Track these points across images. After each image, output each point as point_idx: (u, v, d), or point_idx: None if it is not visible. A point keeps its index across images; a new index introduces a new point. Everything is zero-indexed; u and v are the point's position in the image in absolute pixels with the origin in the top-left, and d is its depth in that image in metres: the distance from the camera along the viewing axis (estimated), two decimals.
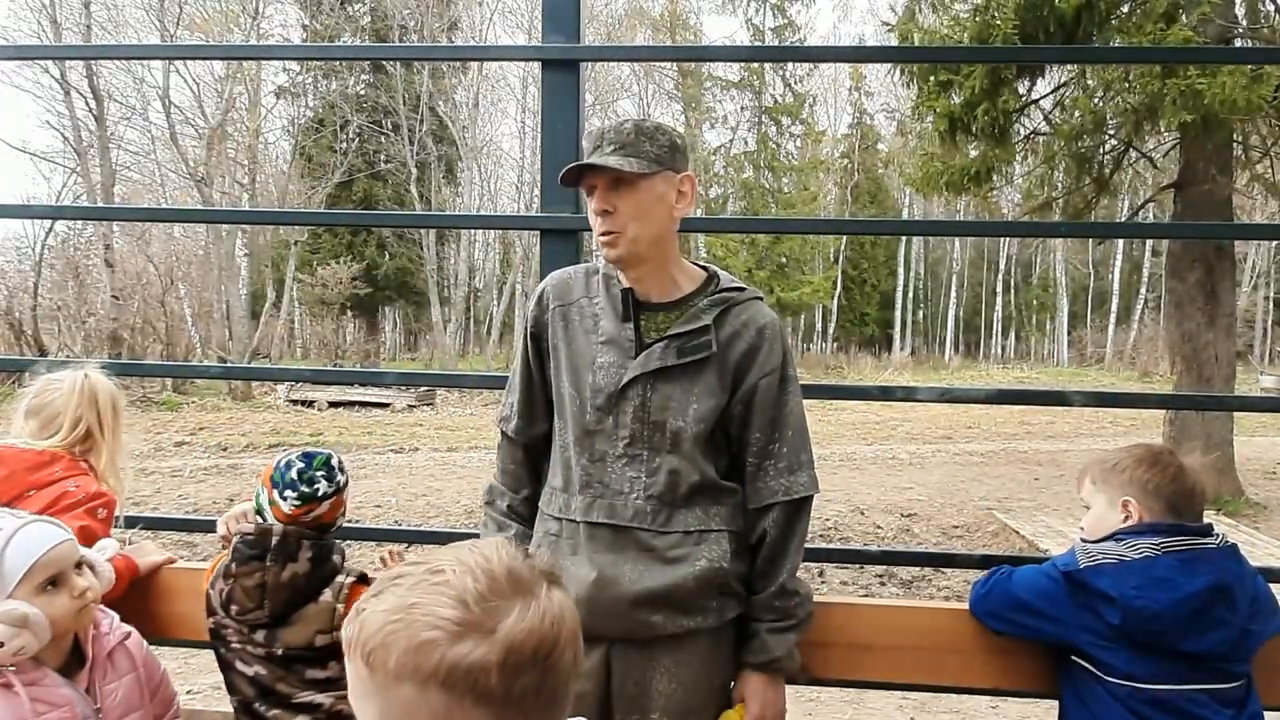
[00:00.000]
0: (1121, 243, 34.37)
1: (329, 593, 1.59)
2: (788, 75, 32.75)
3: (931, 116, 8.92)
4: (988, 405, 17.17)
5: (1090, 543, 1.52)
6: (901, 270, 39.56)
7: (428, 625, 0.68)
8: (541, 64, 2.15)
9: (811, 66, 33.16)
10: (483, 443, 12.92)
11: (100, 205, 18.41)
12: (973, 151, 9.28)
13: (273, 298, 25.68)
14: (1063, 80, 9.48)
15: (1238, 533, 7.73)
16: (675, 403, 1.49)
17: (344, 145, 28.03)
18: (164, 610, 1.84)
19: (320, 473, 1.61)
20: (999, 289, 39.78)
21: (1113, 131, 9.24)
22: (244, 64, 23.52)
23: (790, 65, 32.45)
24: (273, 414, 16.34)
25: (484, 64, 28.32)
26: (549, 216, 2.13)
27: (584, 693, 1.49)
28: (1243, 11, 8.49)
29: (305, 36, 28.16)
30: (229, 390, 18.42)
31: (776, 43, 31.31)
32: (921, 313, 41.53)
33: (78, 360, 2.00)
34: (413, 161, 27.48)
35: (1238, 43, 8.35)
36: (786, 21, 31.97)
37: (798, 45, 28.16)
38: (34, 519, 1.39)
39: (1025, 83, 9.06)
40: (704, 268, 1.61)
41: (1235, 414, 10.20)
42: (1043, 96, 9.69)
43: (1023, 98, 9.06)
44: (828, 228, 9.78)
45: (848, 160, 39.38)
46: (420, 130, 27.70)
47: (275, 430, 13.95)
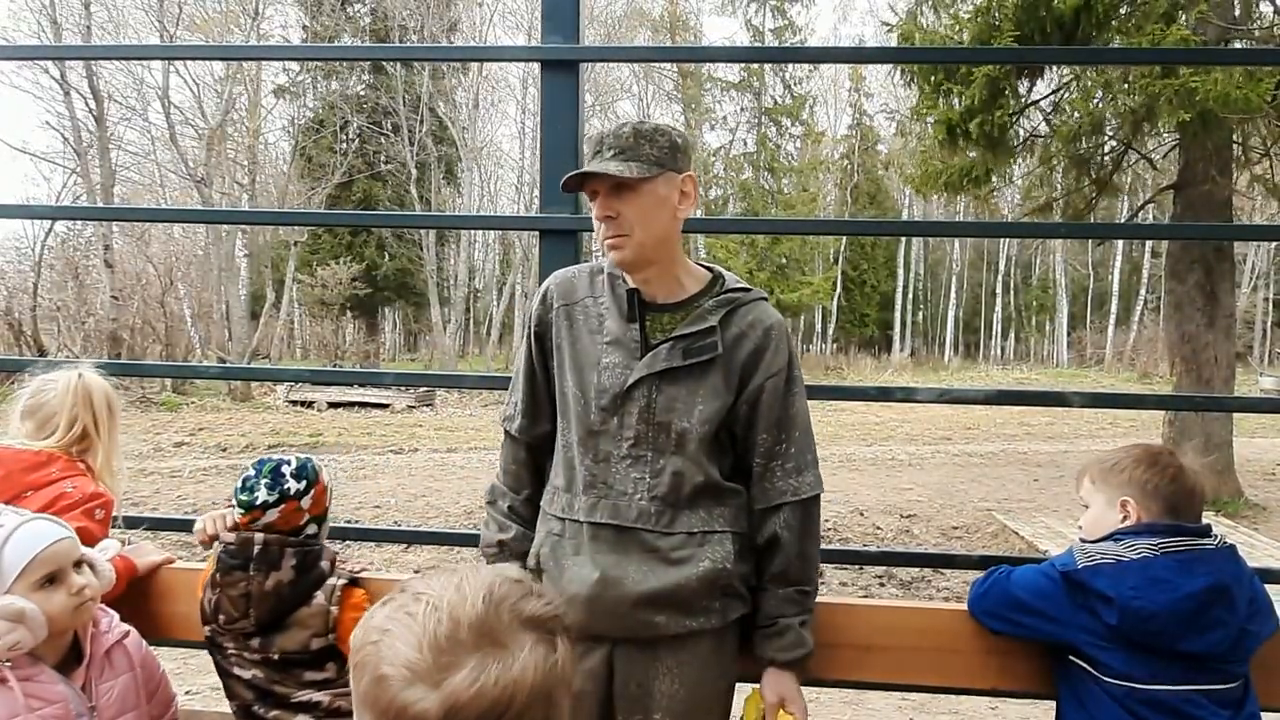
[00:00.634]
0: (1121, 244, 34.40)
1: (321, 595, 1.59)
2: (787, 76, 32.80)
3: (931, 119, 8.93)
4: (987, 406, 17.20)
5: (1088, 543, 1.52)
6: (901, 271, 39.58)
7: (388, 660, 0.68)
8: (541, 65, 2.15)
9: (811, 68, 33.20)
10: (482, 443, 12.92)
11: (100, 206, 18.41)
12: (972, 153, 9.29)
13: (272, 298, 25.69)
14: (1063, 81, 9.48)
15: (1237, 534, 7.73)
16: (681, 404, 1.49)
17: (344, 146, 28.05)
18: (162, 610, 1.84)
19: (263, 480, 1.58)
20: (998, 290, 39.80)
21: (1112, 132, 9.25)
22: (244, 64, 23.53)
23: (790, 66, 32.49)
24: (272, 414, 16.33)
25: (484, 65, 28.32)
26: (548, 217, 2.14)
27: (586, 693, 1.49)
28: (1238, 13, 8.48)
29: (305, 37, 28.17)
30: (228, 391, 18.42)
31: (776, 44, 31.33)
32: (921, 314, 41.54)
33: (73, 360, 2.00)
34: (413, 162, 27.50)
35: (1237, 44, 8.35)
36: (786, 23, 32.02)
37: (798, 46, 28.16)
38: (35, 516, 1.39)
39: (1025, 84, 9.06)
40: (709, 268, 1.61)
41: (1235, 415, 10.21)
42: (1042, 98, 9.69)
43: (1022, 99, 9.07)
44: (827, 229, 9.80)
45: (847, 161, 39.41)
46: (420, 131, 27.72)
47: (275, 431, 13.94)
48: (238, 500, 1.59)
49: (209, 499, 8.68)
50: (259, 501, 1.57)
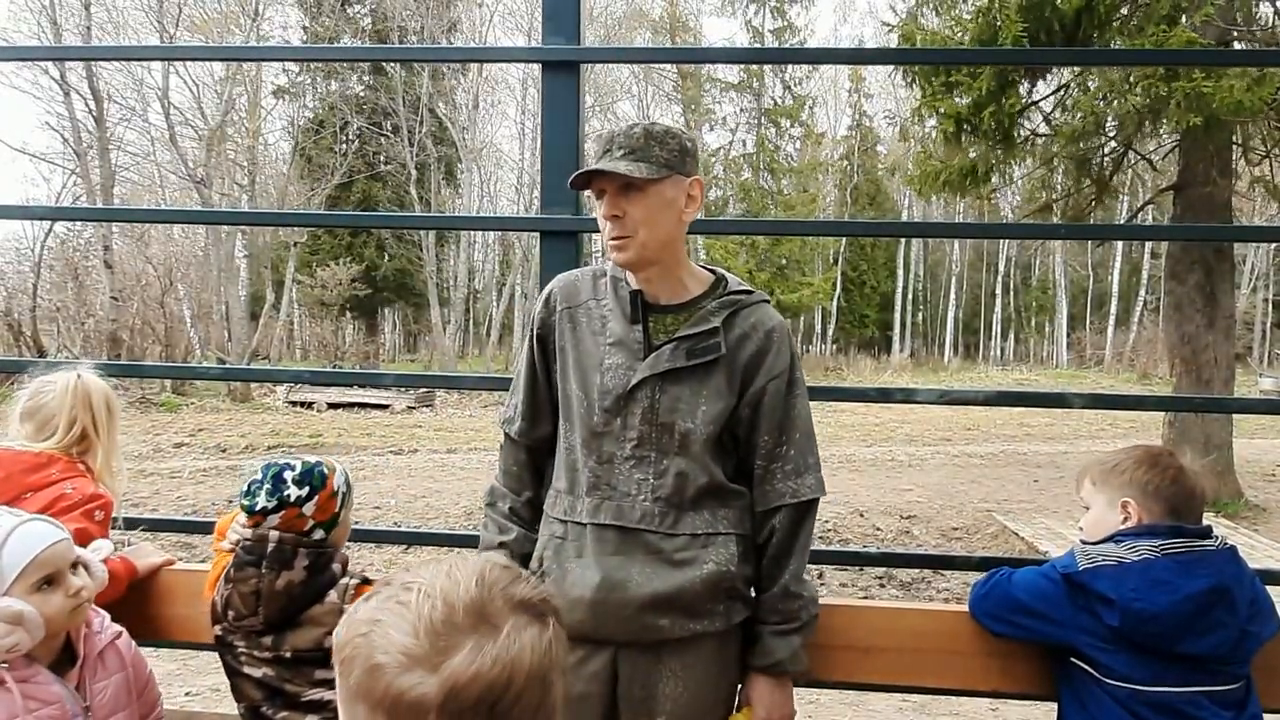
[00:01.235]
0: (1121, 245, 34.42)
1: (334, 594, 1.58)
2: (787, 77, 32.82)
3: (935, 118, 8.91)
4: (987, 407, 17.16)
5: (1089, 544, 1.52)
6: (901, 272, 39.59)
7: (382, 649, 0.67)
8: (541, 65, 2.15)
9: (811, 69, 33.24)
10: (482, 444, 12.92)
11: (99, 206, 18.41)
12: (973, 153, 9.27)
13: (272, 299, 25.70)
14: (1064, 82, 9.48)
15: (1237, 535, 7.73)
16: (684, 404, 1.49)
17: (344, 146, 28.07)
18: (163, 612, 1.84)
19: (265, 486, 1.57)
20: (998, 291, 39.80)
21: (1112, 134, 9.24)
22: (244, 65, 23.54)
23: (790, 67, 32.51)
24: (272, 415, 16.33)
25: (484, 65, 28.32)
26: (549, 218, 2.13)
27: (590, 695, 1.49)
28: (1240, 17, 8.48)
29: (305, 38, 28.19)
30: (228, 391, 18.42)
31: (776, 44, 31.35)
32: (921, 314, 41.54)
33: (72, 361, 2.00)
34: (412, 163, 27.50)
35: (1237, 45, 8.35)
36: (786, 23, 32.02)
37: (797, 47, 28.19)
38: (32, 517, 1.39)
39: (1026, 84, 9.06)
40: (711, 270, 1.61)
41: (1234, 416, 10.21)
42: (1043, 98, 9.69)
43: (1024, 99, 9.06)
44: (827, 229, 9.80)
45: (847, 162, 39.43)
46: (420, 131, 27.72)
47: (274, 432, 13.94)
48: (241, 504, 1.59)
49: (209, 500, 8.68)
50: (258, 507, 1.57)
